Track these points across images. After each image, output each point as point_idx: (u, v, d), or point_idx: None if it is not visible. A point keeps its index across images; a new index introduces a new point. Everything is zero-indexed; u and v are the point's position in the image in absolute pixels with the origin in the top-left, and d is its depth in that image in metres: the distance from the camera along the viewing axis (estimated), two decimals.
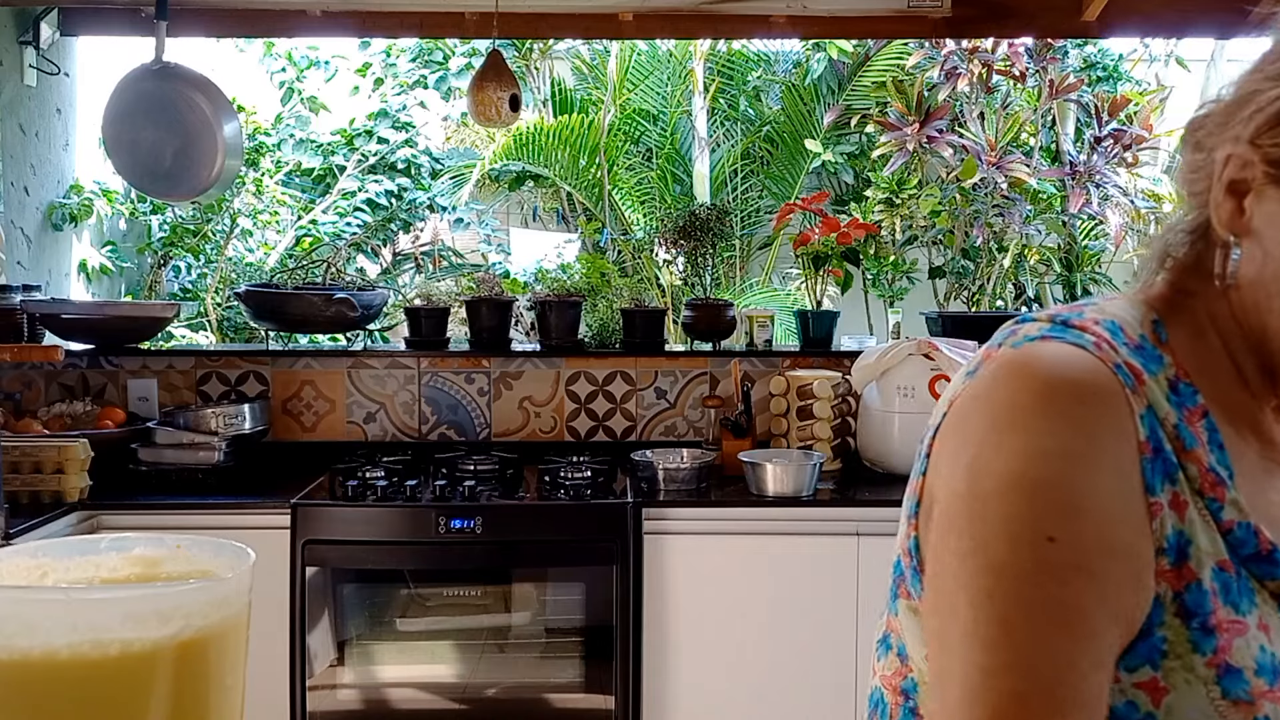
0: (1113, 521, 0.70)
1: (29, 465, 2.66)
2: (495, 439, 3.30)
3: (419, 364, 3.30)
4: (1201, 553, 0.73)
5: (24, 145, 3.47)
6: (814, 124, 5.66)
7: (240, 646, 0.59)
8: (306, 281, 3.46)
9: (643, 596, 2.72)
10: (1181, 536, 0.72)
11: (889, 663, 0.87)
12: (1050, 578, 0.68)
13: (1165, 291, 0.82)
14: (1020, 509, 0.69)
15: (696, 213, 3.25)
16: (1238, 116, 0.75)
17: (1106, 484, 0.71)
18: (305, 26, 3.56)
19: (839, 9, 3.32)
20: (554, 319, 3.23)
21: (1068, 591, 0.68)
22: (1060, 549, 0.69)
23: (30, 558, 0.62)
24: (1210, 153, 0.78)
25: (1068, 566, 0.69)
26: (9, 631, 0.52)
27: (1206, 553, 0.73)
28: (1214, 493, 0.74)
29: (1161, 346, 0.78)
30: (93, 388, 3.24)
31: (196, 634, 0.55)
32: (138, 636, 0.53)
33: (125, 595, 0.55)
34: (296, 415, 3.28)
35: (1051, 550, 0.69)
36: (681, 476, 2.87)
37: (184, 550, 0.65)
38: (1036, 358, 0.75)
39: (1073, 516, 0.69)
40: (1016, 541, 0.69)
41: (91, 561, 0.64)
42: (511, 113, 3.20)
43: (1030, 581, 0.68)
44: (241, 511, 2.72)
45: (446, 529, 2.63)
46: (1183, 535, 0.73)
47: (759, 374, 3.28)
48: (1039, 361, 0.75)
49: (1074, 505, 0.69)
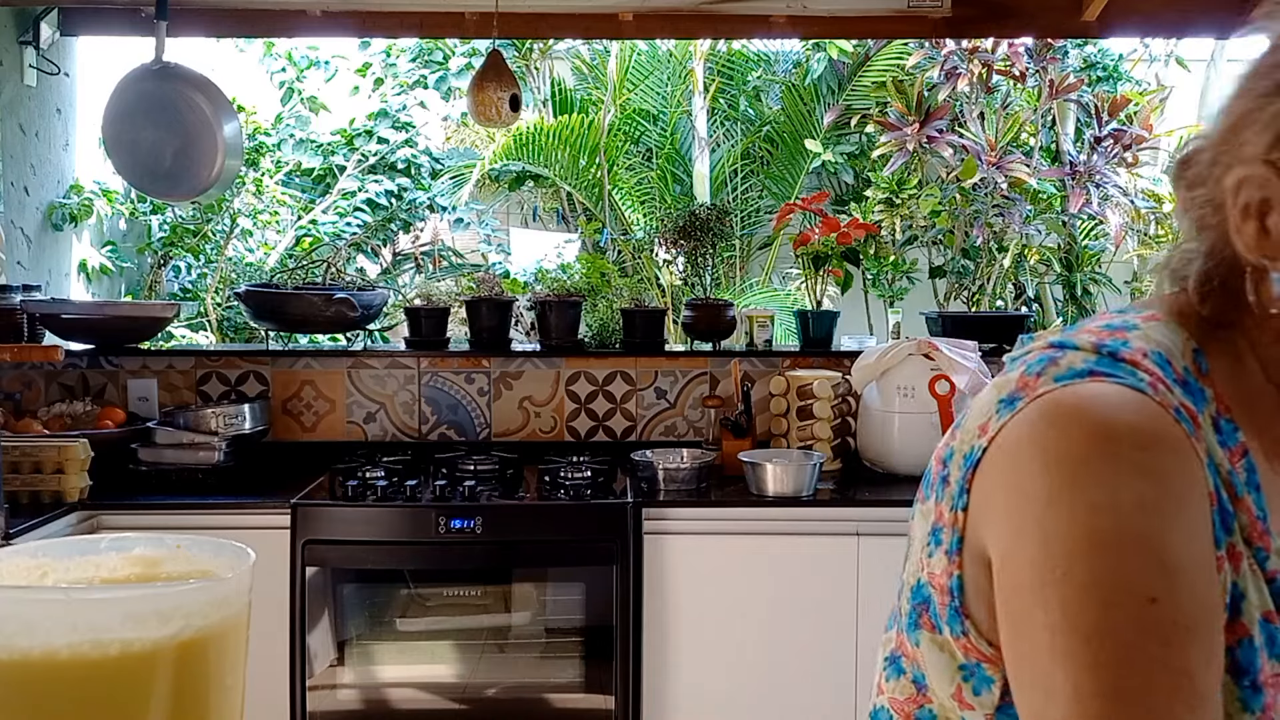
0: (1204, 574, 0.66)
1: (29, 465, 2.66)
2: (495, 439, 3.30)
3: (419, 364, 3.30)
4: (1251, 606, 0.69)
5: (24, 145, 3.47)
6: (814, 124, 5.66)
7: (240, 646, 0.59)
8: (306, 281, 3.46)
9: (643, 596, 2.72)
10: (1236, 590, 0.69)
11: (901, 686, 0.83)
12: (1155, 641, 0.63)
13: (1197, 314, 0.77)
14: (1109, 570, 0.64)
15: (696, 213, 3.25)
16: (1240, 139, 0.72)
17: (1190, 535, 0.66)
18: (305, 26, 3.56)
19: (839, 9, 3.32)
20: (554, 319, 3.23)
21: (1175, 654, 0.63)
22: (1161, 609, 0.63)
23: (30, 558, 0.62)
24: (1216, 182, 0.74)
25: (1172, 627, 0.63)
26: (9, 631, 0.52)
27: (1255, 605, 0.69)
28: (1261, 541, 0.71)
29: (1203, 379, 0.74)
30: (93, 388, 3.24)
31: (196, 634, 0.55)
32: (138, 636, 0.53)
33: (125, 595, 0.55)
34: (296, 415, 3.28)
35: (1153, 611, 0.63)
36: (681, 476, 2.87)
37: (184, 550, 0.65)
38: (1091, 403, 0.69)
39: (1168, 572, 0.64)
40: (1112, 606, 0.64)
41: (91, 561, 0.64)
42: (511, 113, 3.20)
43: (1134, 648, 0.63)
44: (241, 511, 2.72)
45: (446, 529, 2.63)
46: (1237, 588, 0.69)
47: (759, 374, 3.28)
48: (1094, 407, 0.69)
49: (1166, 560, 0.64)
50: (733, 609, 2.74)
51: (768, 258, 5.73)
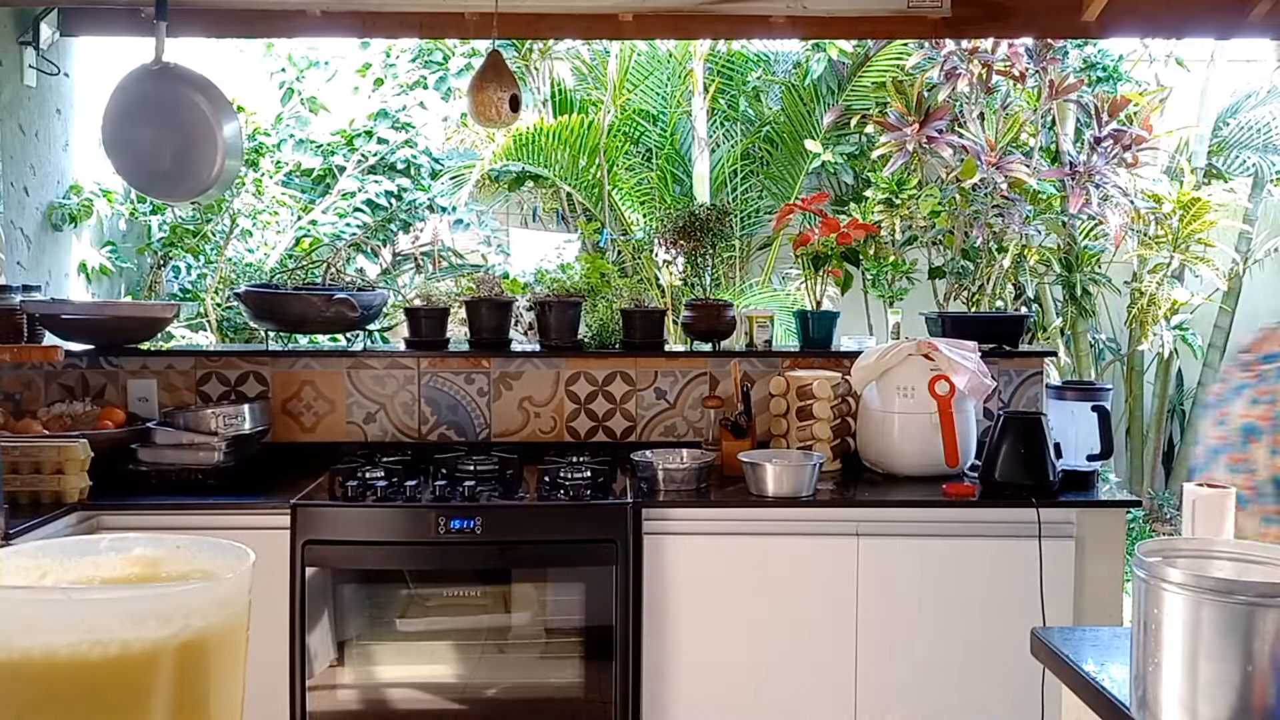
0: None
1: (29, 465, 2.66)
2: (495, 439, 3.30)
3: (419, 364, 3.29)
4: None
5: (24, 145, 3.47)
6: (814, 124, 5.66)
7: (240, 646, 0.59)
8: (306, 282, 3.46)
9: (642, 597, 2.72)
10: None
11: None
12: None
13: None
14: None
15: (696, 213, 3.25)
16: None
17: None
18: (305, 26, 3.56)
19: (839, 9, 3.32)
20: (554, 319, 3.22)
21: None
22: None
23: (30, 558, 0.62)
24: None
25: None
26: (9, 631, 0.52)
27: None
28: None
29: None
30: (93, 388, 3.24)
31: (196, 634, 0.55)
32: (137, 636, 0.53)
33: (125, 595, 0.55)
34: (296, 415, 3.28)
35: None
36: (681, 477, 2.87)
37: (184, 551, 0.65)
38: None
39: None
40: None
41: (91, 561, 0.64)
42: (511, 113, 3.20)
43: None
44: (241, 512, 2.72)
45: (446, 529, 2.63)
46: None
47: (758, 374, 3.28)
48: None
49: None
50: (732, 609, 2.74)
51: (767, 258, 5.73)
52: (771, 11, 3.41)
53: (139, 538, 0.67)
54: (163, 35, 3.16)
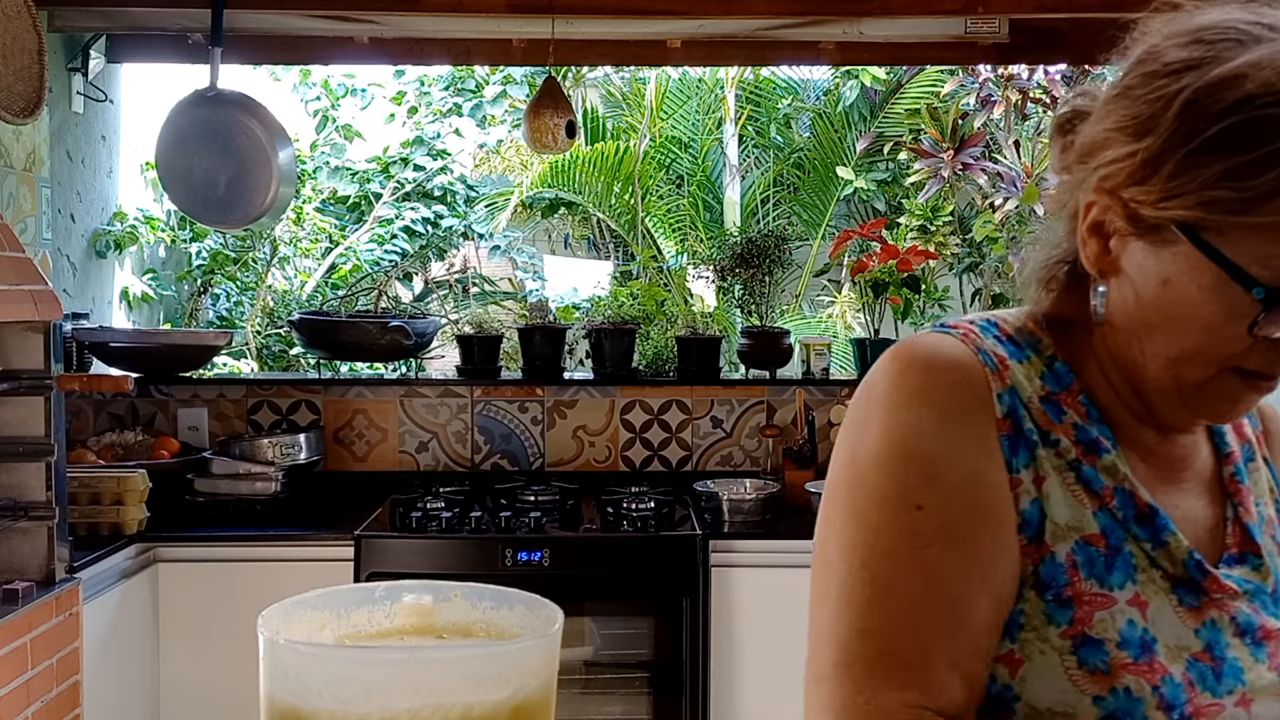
0: (975, 489, 0.76)
1: (87, 497, 2.61)
2: (549, 468, 3.25)
3: (472, 393, 3.25)
4: (1058, 527, 0.76)
5: (71, 172, 3.44)
6: (845, 150, 5.64)
7: (551, 708, 0.55)
8: (357, 309, 3.42)
9: (709, 631, 2.66)
10: (1040, 511, 0.76)
11: None
12: (918, 543, 0.74)
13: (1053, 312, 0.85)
14: (889, 480, 0.76)
15: (755, 240, 3.21)
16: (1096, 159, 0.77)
17: (965, 454, 0.76)
18: (353, 54, 3.54)
19: (895, 35, 3.30)
20: (609, 347, 3.18)
21: (933, 555, 0.74)
22: (928, 515, 0.74)
23: (312, 609, 0.58)
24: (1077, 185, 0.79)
25: (934, 531, 0.74)
26: (345, 696, 0.48)
27: (1068, 527, 0.77)
28: (1087, 459, 0.78)
29: (1042, 333, 0.83)
30: (142, 417, 3.19)
31: (529, 696, 0.51)
32: (478, 700, 0.49)
33: (468, 655, 0.50)
34: (348, 445, 3.23)
35: (920, 518, 0.74)
36: (746, 508, 2.82)
37: (461, 599, 0.60)
38: (905, 345, 0.82)
39: (936, 485, 0.75)
40: (887, 509, 0.75)
41: (366, 612, 0.59)
42: (567, 139, 3.17)
43: (900, 547, 0.74)
44: (303, 543, 2.67)
45: (514, 562, 2.58)
46: (1040, 510, 0.76)
47: (816, 403, 3.23)
48: (905, 348, 0.81)
49: (936, 474, 0.75)
50: (802, 645, 2.68)
51: (798, 285, 5.69)
52: (823, 38, 3.38)
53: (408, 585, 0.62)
54: (217, 61, 3.12)
